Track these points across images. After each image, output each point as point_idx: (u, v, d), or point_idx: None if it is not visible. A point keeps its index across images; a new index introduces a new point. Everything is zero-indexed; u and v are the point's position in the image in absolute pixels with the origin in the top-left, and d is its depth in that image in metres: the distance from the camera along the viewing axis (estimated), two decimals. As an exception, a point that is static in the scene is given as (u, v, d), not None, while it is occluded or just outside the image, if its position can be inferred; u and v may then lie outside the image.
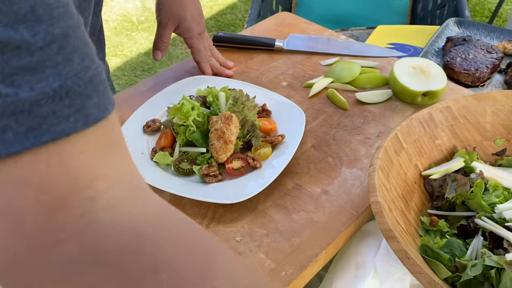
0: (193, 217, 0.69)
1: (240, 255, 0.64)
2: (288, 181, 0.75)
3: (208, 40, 1.00)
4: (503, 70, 1.10)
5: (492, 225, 0.63)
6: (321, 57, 1.05)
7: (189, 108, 0.74)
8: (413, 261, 0.54)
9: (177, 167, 0.75)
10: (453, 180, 0.71)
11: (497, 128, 0.78)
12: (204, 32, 0.99)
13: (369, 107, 0.91)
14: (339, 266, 0.70)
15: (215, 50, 1.01)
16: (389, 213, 0.61)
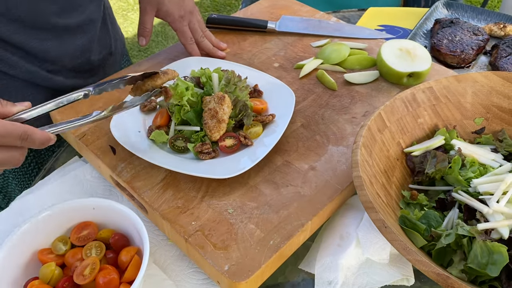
0: (188, 191, 0.74)
1: (232, 226, 0.69)
2: (278, 158, 0.79)
3: (199, 22, 1.02)
4: (488, 52, 1.14)
5: (467, 198, 0.68)
6: (312, 39, 1.08)
7: (183, 88, 0.77)
8: (389, 230, 0.59)
9: (173, 145, 0.79)
10: (433, 156, 0.75)
11: (476, 108, 0.82)
12: (191, 14, 1.01)
13: (357, 88, 0.94)
14: (325, 237, 0.74)
15: (208, 32, 1.04)
16: (369, 187, 0.65)
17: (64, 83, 1.00)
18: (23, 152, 0.64)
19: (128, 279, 0.64)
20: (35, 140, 0.62)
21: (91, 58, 1.03)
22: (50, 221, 0.69)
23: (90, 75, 1.07)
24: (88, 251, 0.67)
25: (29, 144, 0.62)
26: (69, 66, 0.99)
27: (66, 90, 1.01)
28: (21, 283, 0.65)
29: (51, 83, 0.98)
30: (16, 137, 0.60)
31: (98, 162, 0.80)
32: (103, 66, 1.09)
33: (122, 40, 1.22)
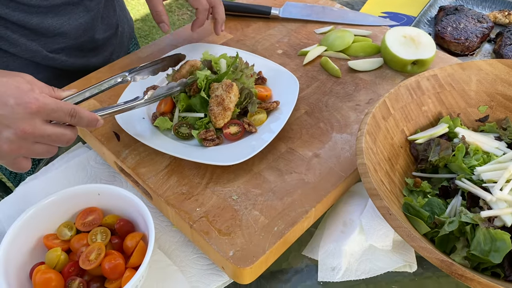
0: (193, 178, 0.74)
1: (236, 212, 0.69)
2: (282, 145, 0.79)
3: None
4: (492, 40, 1.13)
5: (471, 185, 0.68)
6: (316, 25, 1.08)
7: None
8: (394, 217, 0.59)
9: (177, 131, 0.79)
10: (436, 144, 0.75)
11: (481, 96, 0.82)
12: None
13: (361, 75, 0.94)
14: (328, 223, 0.75)
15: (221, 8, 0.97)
16: (374, 174, 0.66)
17: (66, 62, 1.00)
18: (74, 131, 0.66)
19: (134, 265, 0.64)
20: (83, 118, 0.65)
21: (95, 37, 1.03)
22: (55, 206, 0.69)
23: (94, 54, 1.06)
24: (94, 237, 0.68)
25: (77, 121, 0.65)
26: (72, 44, 0.99)
27: (68, 69, 1.01)
28: (27, 267, 0.65)
29: (53, 61, 0.98)
30: (66, 113, 0.63)
31: (102, 148, 0.80)
32: (108, 45, 1.09)
33: (130, 24, 1.21)
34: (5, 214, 0.78)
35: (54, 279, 0.63)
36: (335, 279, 0.69)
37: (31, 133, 0.61)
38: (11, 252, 0.63)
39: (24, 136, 0.61)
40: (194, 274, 0.70)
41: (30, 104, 0.60)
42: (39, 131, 0.61)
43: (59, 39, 0.96)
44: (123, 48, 1.15)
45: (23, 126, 0.60)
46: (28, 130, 0.60)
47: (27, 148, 0.62)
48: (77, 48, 1.01)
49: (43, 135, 0.62)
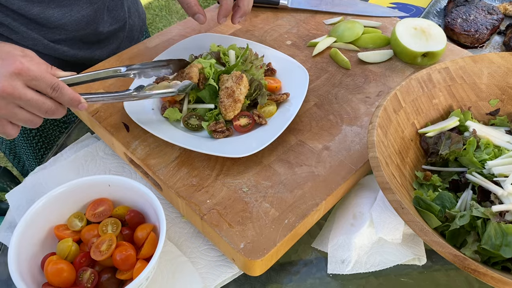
0: (203, 170, 0.74)
1: (247, 204, 0.69)
2: (292, 138, 0.79)
3: None
4: (502, 32, 1.12)
5: (482, 179, 0.68)
6: (325, 16, 1.07)
7: (208, 69, 0.77)
8: (406, 211, 0.59)
9: (186, 123, 0.79)
10: (447, 137, 0.75)
11: (492, 89, 0.82)
12: None
13: (370, 67, 0.94)
14: (338, 216, 0.75)
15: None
16: (385, 167, 0.66)
17: (68, 52, 0.99)
18: (56, 105, 0.66)
19: (144, 256, 0.65)
20: (64, 94, 0.65)
21: (99, 30, 1.02)
22: (66, 197, 0.69)
23: (98, 47, 1.05)
24: (104, 228, 0.68)
25: (58, 96, 0.65)
26: (74, 36, 0.98)
27: (70, 60, 1.00)
28: (39, 258, 0.65)
29: (54, 51, 0.97)
30: (48, 84, 0.64)
31: (112, 139, 0.80)
32: (114, 39, 1.08)
33: (142, 17, 1.19)
34: (15, 204, 0.78)
35: (65, 269, 0.63)
36: (345, 271, 0.69)
37: (10, 93, 0.61)
38: (22, 242, 0.64)
39: (3, 95, 0.61)
40: (204, 266, 0.70)
41: (13, 65, 0.61)
42: (19, 93, 0.62)
43: (59, 30, 0.95)
44: (133, 42, 1.14)
45: (2, 84, 0.61)
46: (7, 89, 0.61)
47: (7, 110, 0.63)
48: (79, 40, 1.00)
49: (22, 98, 0.63)
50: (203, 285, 0.68)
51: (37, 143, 1.10)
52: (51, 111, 0.66)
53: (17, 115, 0.64)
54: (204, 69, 0.78)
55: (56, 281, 0.62)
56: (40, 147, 1.11)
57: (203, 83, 0.78)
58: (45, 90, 0.64)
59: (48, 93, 0.65)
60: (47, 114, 0.66)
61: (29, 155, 1.13)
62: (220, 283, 0.69)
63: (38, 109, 0.65)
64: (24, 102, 0.63)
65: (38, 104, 0.64)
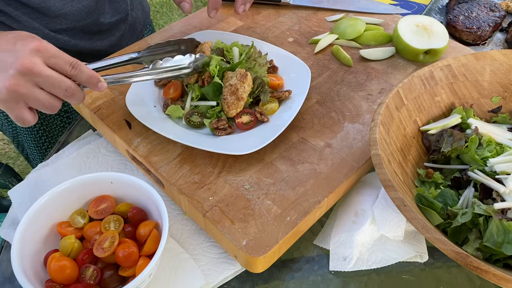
0: (205, 167, 0.74)
1: (249, 201, 0.69)
2: (294, 135, 0.79)
3: None
4: (504, 29, 1.12)
5: (484, 177, 0.68)
6: (327, 13, 1.07)
7: (214, 66, 0.77)
8: (409, 208, 0.59)
9: (188, 120, 0.79)
10: (449, 135, 0.75)
11: (494, 86, 0.82)
12: None
13: (372, 64, 0.93)
14: (339, 213, 0.75)
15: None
16: (388, 165, 0.66)
17: (69, 42, 0.99)
18: (75, 85, 0.66)
19: (147, 253, 0.65)
20: (83, 72, 0.66)
21: (100, 20, 1.02)
22: (69, 194, 0.69)
23: (99, 38, 1.05)
24: (107, 225, 0.68)
25: (78, 74, 0.65)
26: (74, 25, 0.98)
27: (71, 50, 1.01)
28: (41, 255, 0.66)
29: (55, 41, 0.97)
30: (67, 61, 0.64)
31: (114, 136, 0.80)
32: (115, 30, 1.08)
33: (145, 10, 1.19)
34: (18, 201, 0.78)
35: (68, 266, 0.63)
36: (347, 268, 0.69)
37: (30, 68, 0.61)
38: (25, 239, 0.64)
39: (23, 71, 0.61)
40: (207, 263, 0.70)
41: (32, 43, 0.62)
42: (38, 69, 0.62)
43: (60, 20, 0.95)
44: (135, 34, 1.14)
45: (22, 60, 0.61)
46: (27, 64, 0.61)
47: (27, 88, 0.63)
48: (81, 30, 1.00)
49: (42, 75, 0.62)
50: (205, 282, 0.68)
51: (40, 137, 1.11)
52: (70, 91, 0.65)
53: (36, 95, 0.64)
54: (210, 67, 0.78)
55: (59, 277, 0.62)
56: (44, 141, 1.12)
57: (208, 81, 0.78)
58: (64, 67, 0.64)
59: (67, 71, 0.65)
60: (66, 94, 0.65)
61: (33, 149, 1.13)
62: (222, 280, 0.69)
63: (58, 87, 0.64)
64: (43, 79, 0.63)
65: (58, 82, 0.64)
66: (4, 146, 2.20)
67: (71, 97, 0.66)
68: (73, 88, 0.66)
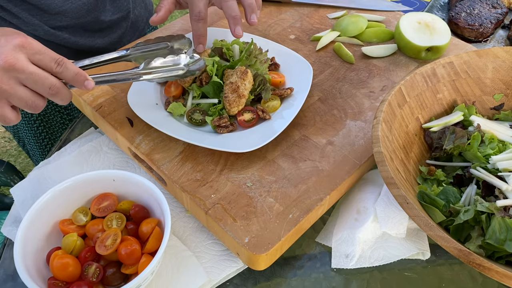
0: (207, 164, 0.74)
1: (251, 199, 0.69)
2: (295, 132, 0.79)
3: None
4: (506, 26, 1.12)
5: (486, 174, 0.68)
6: (329, 10, 1.06)
7: (211, 67, 0.77)
8: (411, 206, 0.59)
9: (190, 118, 0.79)
10: (451, 132, 0.75)
11: (496, 84, 0.81)
12: None
13: (374, 61, 0.93)
14: (342, 211, 0.75)
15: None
16: (390, 162, 0.66)
17: (69, 39, 0.99)
18: (59, 83, 0.64)
19: (149, 250, 0.65)
20: (69, 69, 0.64)
21: (100, 18, 1.02)
22: (71, 192, 0.69)
23: (100, 35, 1.05)
24: (109, 222, 0.68)
25: (63, 71, 0.63)
26: (74, 23, 0.98)
27: (71, 47, 1.01)
28: (44, 252, 0.66)
29: (55, 37, 0.97)
30: (52, 58, 0.63)
31: (116, 134, 0.80)
32: (117, 28, 1.07)
33: (149, 8, 1.19)
34: (20, 199, 0.78)
35: (71, 264, 0.63)
36: (349, 266, 0.69)
37: (13, 64, 0.60)
38: (28, 237, 0.64)
39: (6, 67, 0.60)
40: (209, 260, 0.70)
41: (17, 38, 0.61)
42: (21, 65, 0.60)
43: (61, 17, 0.95)
44: (137, 32, 1.14)
45: (5, 55, 0.59)
46: (10, 60, 0.59)
47: (9, 85, 0.61)
48: (81, 28, 1.00)
49: (25, 71, 0.61)
50: (207, 280, 0.68)
51: (40, 133, 1.11)
52: (54, 89, 0.63)
53: (19, 93, 0.62)
54: (207, 67, 0.78)
55: (62, 275, 0.62)
56: (44, 138, 1.12)
57: (206, 81, 0.78)
58: (49, 64, 0.63)
59: (52, 68, 0.63)
60: (50, 92, 0.64)
61: (33, 145, 1.13)
62: (225, 277, 0.69)
63: (41, 84, 0.62)
64: (26, 76, 0.61)
65: (41, 79, 0.62)
66: (5, 144, 2.20)
67: (56, 96, 0.64)
68: (58, 86, 0.64)
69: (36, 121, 1.08)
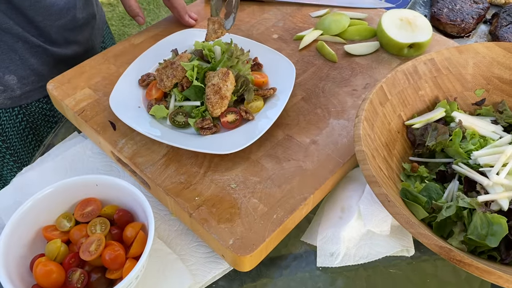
0: (191, 167, 0.74)
1: (235, 200, 0.69)
2: (279, 132, 0.79)
3: None
4: (488, 21, 1.13)
5: (468, 170, 0.69)
6: (311, 9, 1.07)
7: (190, 71, 0.77)
8: (392, 204, 0.59)
9: (173, 120, 0.78)
10: (433, 129, 0.76)
11: (477, 79, 0.82)
12: None
13: (357, 59, 0.94)
14: (326, 209, 0.75)
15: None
16: (372, 161, 0.66)
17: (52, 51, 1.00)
18: None
19: (134, 255, 0.65)
20: None
21: (76, 16, 1.02)
22: (54, 198, 0.69)
23: (74, 38, 1.05)
24: (93, 228, 0.68)
25: None
26: (57, 25, 0.98)
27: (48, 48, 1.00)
28: (27, 260, 0.65)
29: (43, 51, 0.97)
30: None
31: (98, 138, 0.79)
32: (86, 26, 1.08)
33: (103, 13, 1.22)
34: (2, 206, 0.78)
35: (55, 270, 0.63)
36: (334, 264, 0.70)
37: None
38: (10, 244, 0.63)
39: None
40: (194, 262, 0.70)
41: None
42: None
43: (45, 22, 0.95)
44: (100, 32, 1.16)
45: None
46: None
47: None
48: (61, 28, 1.01)
49: None
50: (193, 282, 0.68)
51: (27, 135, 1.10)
52: None
53: None
54: (187, 72, 0.78)
55: (46, 282, 0.62)
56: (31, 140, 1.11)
57: (187, 86, 0.78)
58: None
59: None
60: None
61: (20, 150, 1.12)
62: (211, 279, 0.69)
63: None
64: None
65: None
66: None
67: None
68: None
69: (22, 123, 1.08)
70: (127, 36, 2.86)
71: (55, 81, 0.88)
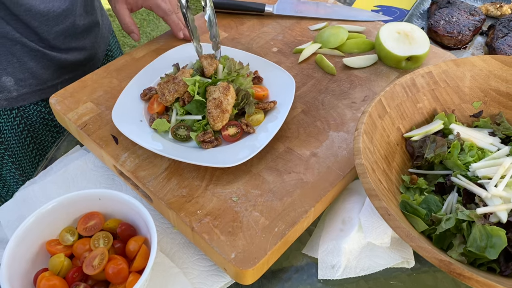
0: (192, 180, 0.74)
1: (237, 214, 0.70)
2: (280, 145, 0.80)
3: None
4: (484, 32, 1.14)
5: (466, 182, 0.70)
6: (310, 22, 1.08)
7: (192, 86, 0.78)
8: (393, 217, 0.60)
9: (175, 134, 0.79)
10: (432, 141, 0.77)
11: (475, 92, 0.83)
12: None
13: (356, 72, 0.95)
14: (327, 222, 0.76)
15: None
16: (372, 174, 0.67)
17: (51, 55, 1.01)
18: None
19: (137, 268, 0.65)
20: None
21: (76, 23, 1.03)
22: (57, 212, 0.69)
23: (76, 45, 1.07)
24: (96, 242, 0.68)
25: None
26: (55, 31, 1.00)
27: (47, 52, 1.01)
28: (31, 274, 0.66)
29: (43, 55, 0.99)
30: None
31: (101, 152, 0.80)
32: (88, 33, 1.09)
33: (108, 22, 1.22)
34: (6, 220, 0.78)
35: (58, 285, 0.63)
36: (335, 276, 0.70)
37: None
38: (14, 259, 0.64)
39: None
40: (197, 276, 0.71)
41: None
42: None
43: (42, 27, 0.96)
44: (105, 39, 1.18)
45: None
46: None
47: None
48: (61, 34, 1.02)
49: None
50: (196, 295, 0.68)
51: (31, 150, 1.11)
52: None
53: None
54: (189, 87, 0.79)
55: (49, 297, 0.62)
56: (36, 154, 1.12)
57: (188, 100, 0.79)
58: None
59: None
60: None
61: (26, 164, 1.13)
62: (213, 293, 0.70)
63: None
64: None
65: None
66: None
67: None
68: None
69: (27, 137, 1.09)
70: (127, 47, 2.88)
71: (57, 95, 0.89)
